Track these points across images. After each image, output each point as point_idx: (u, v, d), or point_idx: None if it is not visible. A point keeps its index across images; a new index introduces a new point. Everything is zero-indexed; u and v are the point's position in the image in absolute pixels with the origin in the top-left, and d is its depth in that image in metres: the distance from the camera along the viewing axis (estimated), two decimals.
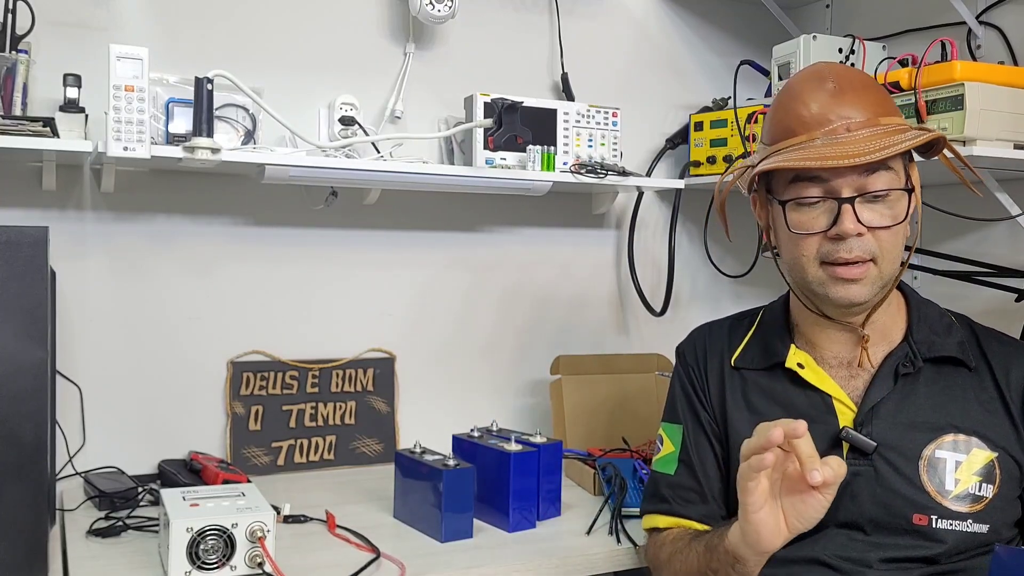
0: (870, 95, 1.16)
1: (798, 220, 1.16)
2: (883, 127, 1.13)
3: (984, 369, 1.21)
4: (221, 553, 1.21)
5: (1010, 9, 1.81)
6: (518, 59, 2.06)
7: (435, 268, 2.00)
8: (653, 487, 1.33)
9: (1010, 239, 1.81)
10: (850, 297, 1.15)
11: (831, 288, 1.15)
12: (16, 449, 1.18)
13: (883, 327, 1.22)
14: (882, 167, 1.12)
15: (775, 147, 1.17)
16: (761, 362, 1.27)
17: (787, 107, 1.18)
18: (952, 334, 1.23)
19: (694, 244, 2.26)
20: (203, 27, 1.77)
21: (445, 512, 1.41)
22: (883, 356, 1.21)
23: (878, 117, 1.14)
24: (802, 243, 1.16)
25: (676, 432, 1.33)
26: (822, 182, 1.13)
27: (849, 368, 1.22)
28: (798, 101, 1.17)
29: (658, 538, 1.30)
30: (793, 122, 1.16)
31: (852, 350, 1.22)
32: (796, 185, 1.15)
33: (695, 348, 1.36)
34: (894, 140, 1.10)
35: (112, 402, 1.72)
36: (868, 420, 1.17)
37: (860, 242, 1.12)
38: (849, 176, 1.11)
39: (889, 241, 1.14)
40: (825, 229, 1.13)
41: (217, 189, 1.79)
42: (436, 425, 1.82)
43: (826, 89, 1.15)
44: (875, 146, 1.09)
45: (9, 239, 1.19)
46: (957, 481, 1.14)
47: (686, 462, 1.30)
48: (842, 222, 1.11)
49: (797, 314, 1.28)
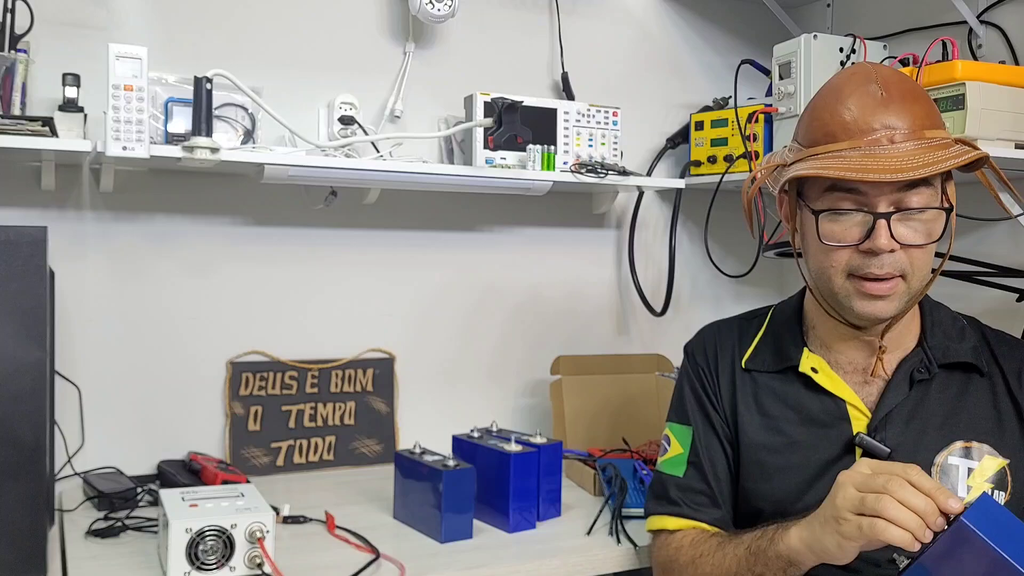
0: (917, 106, 1.11)
1: (831, 231, 1.12)
2: (927, 141, 1.09)
3: (996, 373, 1.20)
4: (220, 554, 1.21)
5: (1011, 9, 1.81)
6: (518, 59, 2.06)
7: (435, 268, 2.00)
8: (660, 488, 1.30)
9: (1011, 239, 1.81)
10: (876, 313, 1.13)
11: (856, 302, 1.13)
12: (15, 449, 1.18)
13: (897, 333, 1.20)
14: (922, 183, 1.08)
15: (812, 151, 1.13)
16: (773, 364, 1.26)
17: (830, 108, 1.13)
18: (966, 339, 1.22)
19: (694, 244, 2.25)
20: (202, 27, 1.77)
21: (445, 512, 1.40)
22: (897, 362, 1.20)
23: (923, 130, 1.09)
24: (832, 254, 1.13)
25: (685, 433, 1.30)
26: (859, 194, 1.10)
27: (864, 374, 1.21)
28: (841, 104, 1.12)
29: (671, 540, 1.27)
30: (835, 126, 1.11)
31: (867, 358, 1.21)
32: (831, 195, 1.12)
33: (705, 347, 1.33)
34: (938, 156, 1.06)
35: (111, 402, 1.71)
36: (882, 426, 1.16)
37: (892, 258, 1.10)
38: (888, 190, 1.08)
39: (921, 259, 1.11)
40: (858, 242, 1.10)
41: (216, 189, 1.79)
42: (436, 425, 1.82)
43: (872, 94, 1.11)
44: (918, 162, 1.05)
45: (8, 239, 1.19)
46: (969, 488, 1.13)
47: (696, 464, 1.27)
48: (876, 237, 1.08)
49: (814, 317, 1.26)
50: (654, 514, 1.30)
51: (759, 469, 1.23)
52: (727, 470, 1.27)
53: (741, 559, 1.13)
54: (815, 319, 1.26)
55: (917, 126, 1.09)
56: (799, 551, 1.05)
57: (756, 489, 1.23)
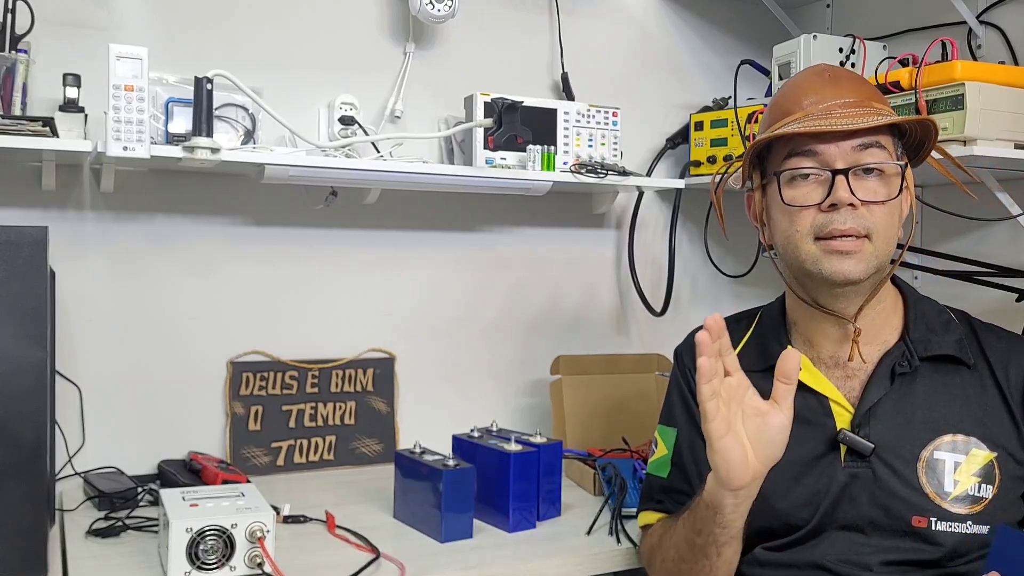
0: (865, 86, 1.21)
1: (792, 195, 1.17)
2: (876, 108, 1.16)
3: (983, 366, 1.19)
4: (221, 553, 1.21)
5: (1010, 9, 1.81)
6: (518, 59, 2.06)
7: (435, 268, 2.00)
8: (648, 489, 1.35)
9: (1010, 239, 1.81)
10: (844, 271, 1.14)
11: (824, 263, 1.15)
12: (16, 449, 1.18)
13: (878, 325, 1.21)
14: (875, 145, 1.15)
15: (770, 129, 1.20)
16: (758, 363, 1.26)
17: (784, 95, 1.22)
18: (950, 331, 1.22)
19: (694, 244, 2.26)
20: (203, 27, 1.77)
21: (445, 512, 1.41)
22: (879, 356, 1.21)
23: (872, 101, 1.18)
24: (796, 218, 1.16)
25: (670, 435, 1.33)
26: (814, 156, 1.15)
27: (845, 368, 1.22)
28: (795, 88, 1.21)
29: (652, 531, 1.32)
30: (790, 104, 1.19)
31: (847, 347, 1.21)
32: (791, 159, 1.17)
33: (692, 350, 1.35)
34: (886, 116, 1.16)
35: (112, 402, 1.72)
36: (865, 422, 1.17)
37: (854, 215, 1.13)
38: (843, 149, 1.14)
39: (883, 219, 1.15)
40: (819, 202, 1.15)
41: (217, 189, 1.79)
42: (436, 425, 1.82)
43: (822, 75, 1.20)
44: (870, 120, 1.13)
45: (9, 239, 1.19)
46: (956, 482, 1.13)
47: (679, 466, 1.30)
48: (836, 191, 1.13)
49: (793, 310, 1.28)
50: (642, 511, 1.36)
51: None
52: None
53: (686, 521, 1.17)
54: (795, 314, 1.28)
55: (865, 99, 1.17)
56: (711, 489, 1.09)
57: None
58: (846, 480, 1.15)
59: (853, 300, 1.19)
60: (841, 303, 1.19)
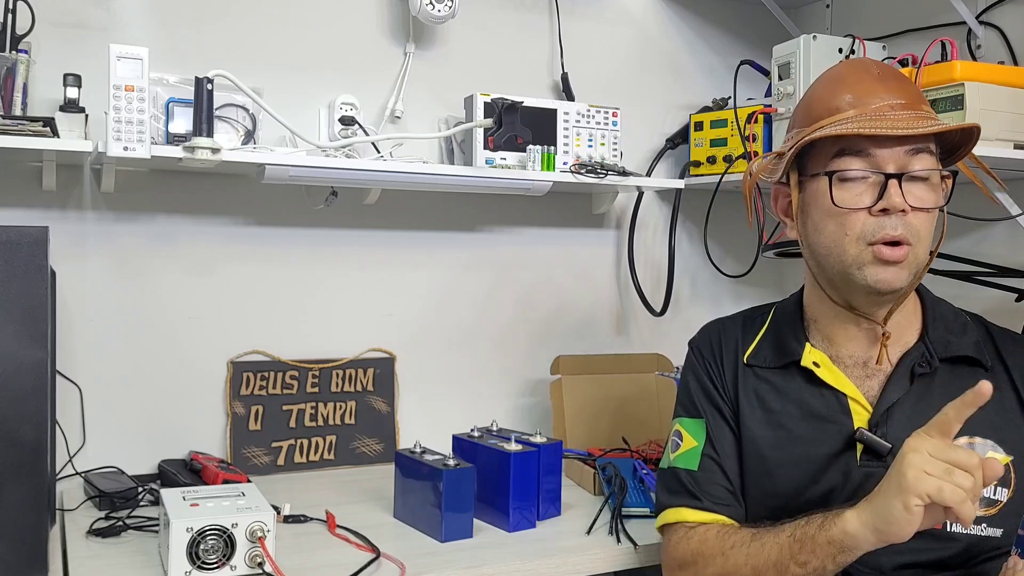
0: (911, 86, 1.18)
1: (842, 196, 1.13)
2: (926, 112, 1.14)
3: (1000, 369, 1.19)
4: (221, 553, 1.21)
5: (1010, 9, 1.81)
6: (518, 59, 2.06)
7: (435, 268, 2.00)
8: (675, 483, 1.27)
9: (1010, 239, 1.81)
10: (889, 281, 1.12)
11: (870, 270, 1.13)
12: (16, 449, 1.19)
13: (901, 327, 1.21)
14: (925, 151, 1.13)
15: (817, 124, 1.16)
16: (775, 360, 1.25)
17: (831, 89, 1.18)
18: (968, 333, 1.22)
19: (694, 244, 2.26)
20: (203, 27, 1.77)
21: (445, 512, 1.41)
22: (899, 356, 1.20)
23: (921, 104, 1.15)
24: (846, 221, 1.13)
25: (698, 426, 1.28)
26: (867, 157, 1.13)
27: (865, 368, 1.21)
28: (842, 84, 1.17)
29: (693, 533, 1.22)
30: (838, 101, 1.15)
31: (869, 348, 1.21)
32: (840, 159, 1.14)
33: (710, 342, 1.33)
34: (936, 122, 1.12)
35: (112, 402, 1.72)
36: (883, 421, 1.16)
37: (903, 221, 1.11)
38: (895, 153, 1.11)
39: (926, 226, 1.13)
40: (869, 205, 1.12)
41: (217, 189, 1.79)
42: (436, 425, 1.82)
43: (870, 73, 1.17)
44: (923, 124, 1.10)
45: (9, 239, 1.19)
46: None
47: (712, 457, 1.25)
48: (890, 196, 1.10)
49: (815, 309, 1.26)
50: (670, 507, 1.27)
51: (760, 464, 1.23)
52: (737, 462, 1.25)
53: (784, 547, 1.10)
54: (816, 312, 1.26)
55: (914, 101, 1.15)
56: (856, 534, 1.03)
57: (758, 484, 1.23)
58: (861, 479, 1.14)
59: (887, 305, 1.18)
60: (876, 308, 1.18)
